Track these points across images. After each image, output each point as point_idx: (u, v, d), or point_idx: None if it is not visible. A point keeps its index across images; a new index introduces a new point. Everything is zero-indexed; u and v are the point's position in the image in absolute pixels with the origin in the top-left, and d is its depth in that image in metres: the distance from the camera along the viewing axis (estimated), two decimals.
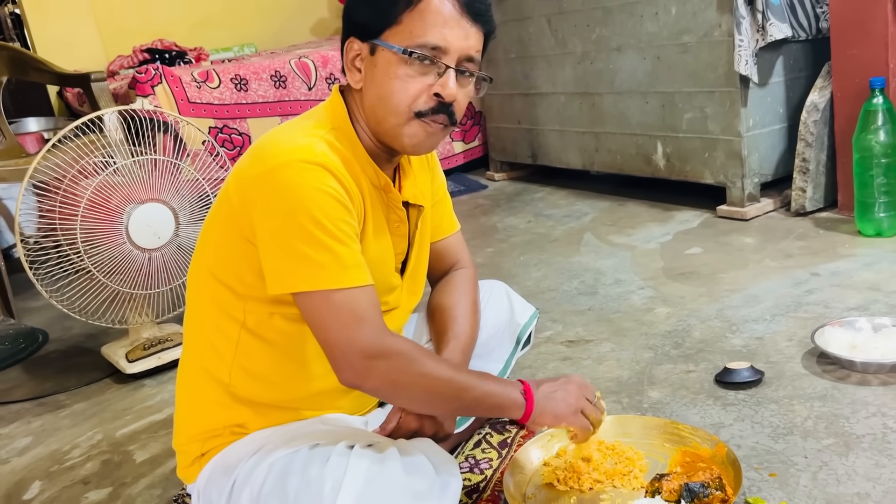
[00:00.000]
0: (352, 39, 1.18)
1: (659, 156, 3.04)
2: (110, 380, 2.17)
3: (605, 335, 1.98)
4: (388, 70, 1.14)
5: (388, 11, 1.13)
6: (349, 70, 1.20)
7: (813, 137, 2.61)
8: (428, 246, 1.40)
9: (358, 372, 1.08)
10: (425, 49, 1.13)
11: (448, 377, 1.14)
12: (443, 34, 1.13)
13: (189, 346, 1.27)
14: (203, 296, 1.23)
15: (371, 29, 1.15)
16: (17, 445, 1.86)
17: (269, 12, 4.69)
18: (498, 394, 1.19)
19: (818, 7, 2.73)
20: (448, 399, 1.16)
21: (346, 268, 1.08)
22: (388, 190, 1.24)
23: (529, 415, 1.20)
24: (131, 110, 2.08)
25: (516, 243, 2.90)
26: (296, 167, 1.08)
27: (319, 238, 1.06)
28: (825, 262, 2.23)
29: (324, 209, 1.07)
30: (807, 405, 1.51)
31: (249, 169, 1.13)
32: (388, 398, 1.17)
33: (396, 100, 1.15)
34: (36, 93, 4.12)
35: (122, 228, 2.01)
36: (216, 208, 1.21)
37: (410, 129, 1.16)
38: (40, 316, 2.78)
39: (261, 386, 1.21)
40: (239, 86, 3.43)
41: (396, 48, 1.13)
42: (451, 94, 1.14)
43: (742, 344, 1.81)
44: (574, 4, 3.23)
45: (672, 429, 1.39)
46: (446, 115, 1.17)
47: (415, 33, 1.12)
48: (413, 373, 1.11)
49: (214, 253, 1.21)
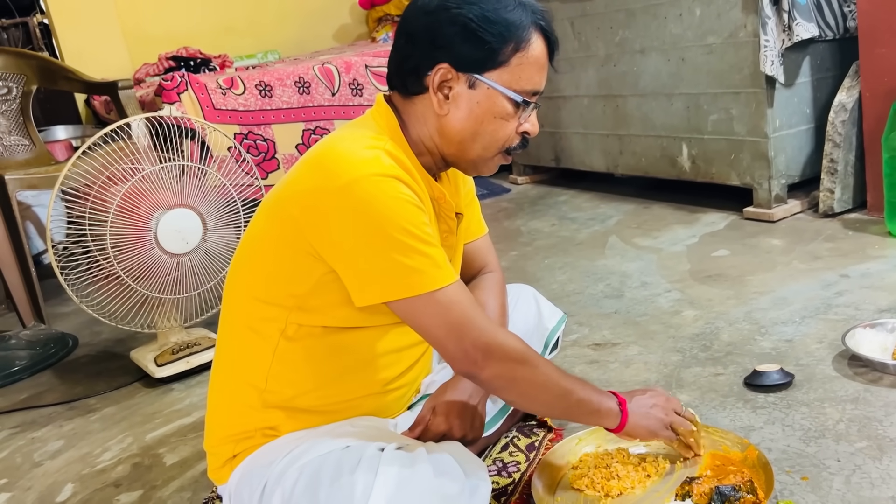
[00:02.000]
0: (444, 64, 1.16)
1: (684, 158, 3.02)
2: (139, 384, 2.19)
3: (633, 338, 1.97)
4: (491, 109, 1.17)
5: (498, 52, 1.15)
6: (435, 94, 1.18)
7: (841, 138, 2.58)
8: (461, 252, 1.41)
9: (475, 362, 1.12)
10: (528, 94, 1.18)
11: (557, 378, 1.18)
12: (541, 79, 1.20)
13: (224, 351, 1.28)
14: (242, 305, 1.23)
15: (475, 63, 1.16)
16: (49, 449, 1.89)
17: (292, 19, 4.72)
18: (596, 401, 1.23)
19: (845, 6, 2.70)
20: (556, 398, 1.19)
21: (441, 268, 1.11)
22: (442, 200, 1.25)
23: (624, 426, 1.24)
24: (158, 117, 2.11)
25: (541, 247, 2.90)
26: (371, 181, 1.08)
27: (411, 245, 1.08)
28: (855, 264, 2.21)
29: (407, 217, 1.09)
30: (838, 408, 1.49)
31: (316, 183, 1.12)
32: (498, 391, 1.19)
33: (493, 138, 1.20)
34: (64, 101, 4.18)
35: (150, 234, 2.03)
36: (268, 222, 1.20)
37: (494, 161, 1.24)
38: (70, 321, 2.82)
39: (296, 392, 1.21)
40: (263, 92, 3.45)
41: (511, 94, 1.16)
42: (537, 131, 1.23)
43: (771, 346, 1.80)
44: (597, 7, 3.22)
45: (702, 432, 1.38)
46: (524, 148, 1.24)
47: (524, 77, 1.17)
48: (527, 370, 1.14)
49: (261, 266, 1.20)
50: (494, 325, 1.16)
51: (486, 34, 1.14)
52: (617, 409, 1.24)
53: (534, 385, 1.16)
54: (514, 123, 1.19)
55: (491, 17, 1.14)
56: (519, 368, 1.14)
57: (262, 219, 1.22)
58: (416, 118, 1.22)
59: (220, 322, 1.29)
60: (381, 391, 1.28)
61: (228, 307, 1.27)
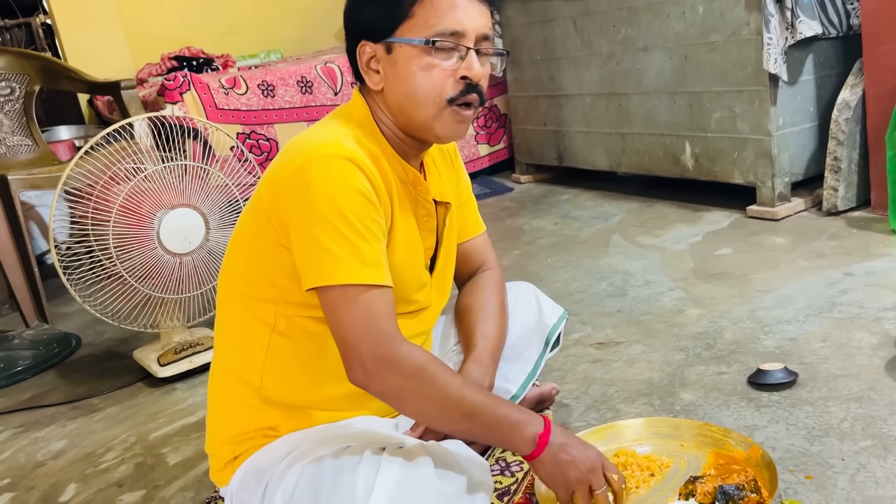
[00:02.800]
0: (363, 43, 1.18)
1: (687, 156, 3.01)
2: (142, 383, 2.19)
3: (636, 337, 1.97)
4: (411, 64, 1.14)
5: (397, 7, 1.14)
6: (365, 73, 1.19)
7: (845, 136, 2.57)
8: (455, 244, 1.40)
9: (367, 372, 1.07)
10: (445, 36, 1.13)
11: (458, 396, 1.10)
12: (458, 18, 1.13)
13: (220, 350, 1.28)
14: (233, 303, 1.24)
15: (382, 28, 1.15)
16: (52, 448, 1.89)
17: (295, 18, 4.72)
18: (509, 425, 1.11)
19: (849, 3, 2.70)
20: (456, 419, 1.11)
21: (365, 265, 1.08)
22: (417, 184, 1.24)
23: (535, 458, 1.12)
24: (161, 117, 2.11)
25: (543, 245, 2.89)
26: (323, 161, 1.08)
27: (342, 232, 1.07)
28: (859, 262, 2.20)
29: (349, 204, 1.07)
30: (843, 406, 1.48)
31: (278, 171, 1.14)
32: (393, 405, 1.14)
33: (425, 91, 1.15)
34: (67, 101, 4.19)
35: (153, 233, 2.03)
36: (247, 217, 1.22)
37: (444, 118, 1.16)
38: (73, 321, 2.82)
39: (292, 388, 1.21)
40: (266, 92, 3.45)
41: (417, 41, 1.13)
42: (478, 74, 1.15)
43: (775, 345, 1.79)
44: (600, 5, 3.22)
45: (705, 431, 1.38)
46: (476, 95, 1.17)
47: (430, 23, 1.12)
48: (422, 385, 1.08)
49: (245, 261, 1.21)
50: (398, 339, 1.09)
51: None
52: (533, 436, 1.11)
53: (429, 402, 1.09)
54: (443, 71, 1.14)
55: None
56: (411, 384, 1.08)
57: (244, 214, 1.24)
58: (374, 104, 1.22)
59: (216, 322, 1.29)
60: None
61: (221, 306, 1.27)
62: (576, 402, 1.68)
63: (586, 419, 1.60)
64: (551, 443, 1.12)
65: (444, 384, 1.10)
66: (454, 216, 1.37)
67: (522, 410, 1.15)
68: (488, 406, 1.12)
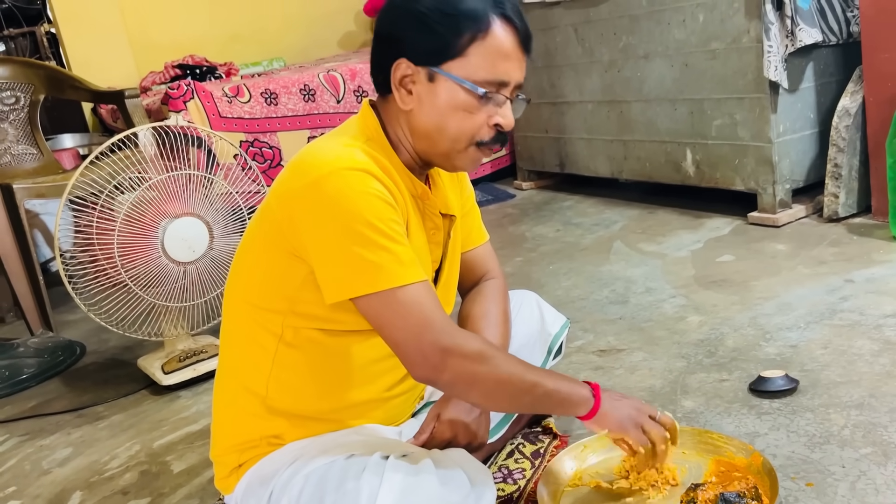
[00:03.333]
0: (403, 60, 1.16)
1: (688, 163, 3.02)
2: (147, 391, 2.21)
3: (637, 344, 1.98)
4: (452, 101, 1.15)
5: (452, 43, 1.13)
6: (397, 90, 1.18)
7: (845, 142, 2.58)
8: (459, 256, 1.41)
9: (434, 366, 1.09)
10: (492, 85, 1.15)
11: (520, 372, 1.15)
12: (506, 69, 1.15)
13: (226, 359, 1.29)
14: (240, 312, 1.25)
15: (431, 56, 1.15)
16: (57, 456, 1.90)
17: (297, 26, 4.74)
18: (566, 390, 1.20)
19: (848, 11, 2.71)
20: (521, 392, 1.15)
21: (404, 265, 1.10)
22: (425, 197, 1.26)
23: (594, 413, 1.20)
24: (165, 126, 2.12)
25: (545, 252, 2.90)
26: (340, 175, 1.09)
27: (375, 239, 1.08)
28: (860, 269, 2.21)
29: (374, 211, 1.09)
30: (843, 414, 1.49)
31: (292, 183, 1.14)
32: (460, 393, 1.17)
33: (460, 131, 1.17)
34: (71, 110, 4.21)
35: (157, 242, 2.05)
36: (257, 228, 1.23)
37: (467, 155, 1.20)
38: (78, 329, 2.83)
39: (297, 398, 1.22)
40: (269, 100, 3.47)
41: (469, 85, 1.14)
42: (510, 124, 1.18)
43: (776, 352, 1.80)
44: (601, 13, 3.23)
45: (706, 438, 1.38)
46: (500, 143, 1.21)
47: (482, 68, 1.14)
48: (488, 368, 1.12)
49: (253, 272, 1.22)
50: (454, 327, 1.14)
51: (440, 25, 1.13)
52: (589, 395, 1.20)
53: (497, 382, 1.13)
54: (481, 116, 1.16)
55: (444, 8, 1.13)
56: (479, 367, 1.11)
57: (253, 225, 1.24)
58: (392, 117, 1.23)
59: (221, 331, 1.30)
60: (384, 396, 1.28)
61: (228, 315, 1.28)
62: None
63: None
64: (603, 393, 1.22)
65: (505, 362, 1.15)
66: (458, 228, 1.38)
67: (568, 378, 1.23)
68: (544, 375, 1.20)
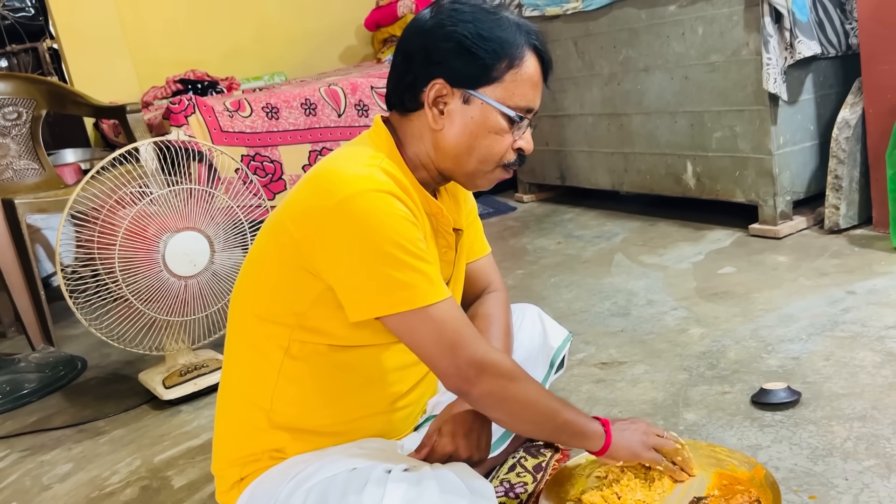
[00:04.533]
0: (439, 80, 1.19)
1: (689, 175, 3.03)
2: (148, 406, 2.20)
3: (639, 357, 1.97)
4: (485, 124, 1.19)
5: (491, 68, 1.18)
6: (429, 108, 1.20)
7: (845, 154, 2.59)
8: (464, 270, 1.42)
9: (467, 378, 1.13)
10: (523, 111, 1.21)
11: (545, 398, 1.20)
12: (534, 97, 1.22)
13: (229, 372, 1.29)
14: (246, 325, 1.25)
15: (469, 79, 1.18)
16: (58, 472, 1.89)
17: (298, 41, 4.77)
18: (581, 423, 1.24)
19: (847, 23, 2.72)
20: (544, 418, 1.20)
21: (433, 283, 1.13)
22: (439, 215, 1.27)
23: (608, 448, 1.25)
24: (166, 141, 2.13)
25: (547, 265, 2.90)
26: (366, 197, 1.10)
27: (405, 260, 1.10)
28: (861, 280, 2.20)
29: (401, 232, 1.10)
30: (846, 426, 1.49)
31: (312, 202, 1.14)
32: (488, 408, 1.19)
33: (491, 152, 1.21)
34: (73, 124, 4.23)
35: (158, 257, 2.05)
36: (267, 241, 1.22)
37: (492, 176, 1.25)
38: (79, 343, 2.83)
39: (302, 411, 1.22)
40: (270, 114, 3.48)
41: (507, 110, 1.19)
42: (531, 148, 1.24)
43: (778, 364, 1.79)
44: (600, 27, 3.25)
45: (709, 451, 1.38)
46: (521, 165, 1.26)
47: (517, 94, 1.19)
48: (517, 388, 1.16)
49: (262, 285, 1.22)
50: (486, 343, 1.17)
51: (481, 50, 1.17)
52: (601, 430, 1.25)
53: (524, 403, 1.17)
54: (509, 139, 1.21)
55: (485, 35, 1.17)
56: (510, 386, 1.15)
57: (263, 239, 1.24)
58: (413, 135, 1.24)
59: (226, 343, 1.30)
60: (387, 410, 1.29)
61: (233, 328, 1.28)
62: None
63: None
64: (613, 428, 1.26)
65: (533, 384, 1.19)
66: (464, 242, 1.39)
67: (580, 411, 1.27)
68: (563, 405, 1.24)
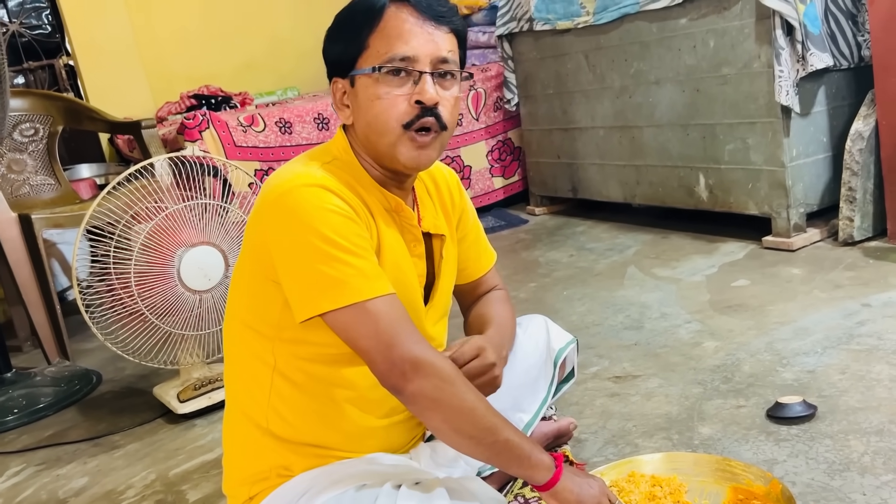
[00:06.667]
0: (335, 79, 1.23)
1: (701, 187, 3.02)
2: (162, 420, 2.21)
3: (653, 370, 1.97)
4: (368, 94, 1.17)
5: (354, 41, 1.18)
6: (339, 109, 1.24)
7: (859, 166, 2.58)
8: (453, 275, 1.40)
9: (402, 374, 1.07)
10: (394, 62, 1.15)
11: (485, 409, 1.11)
12: (409, 44, 1.15)
13: (229, 391, 1.30)
14: (237, 343, 1.25)
15: (345, 63, 1.20)
16: (73, 486, 1.90)
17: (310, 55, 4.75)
18: (528, 448, 1.13)
19: (859, 35, 2.72)
20: (482, 431, 1.10)
21: (369, 278, 1.10)
22: (399, 210, 1.25)
23: (555, 482, 1.13)
24: (181, 156, 2.15)
25: (559, 278, 2.90)
26: (296, 192, 1.11)
27: (335, 255, 1.08)
28: (876, 293, 2.19)
29: (332, 226, 1.09)
30: (863, 440, 1.48)
31: (256, 206, 1.18)
32: (423, 410, 1.10)
33: (382, 119, 1.17)
34: (88, 140, 4.27)
35: (173, 271, 2.06)
36: (242, 256, 1.24)
37: (402, 144, 1.18)
38: (94, 357, 2.85)
39: (296, 428, 1.21)
40: (283, 129, 3.51)
41: (368, 70, 1.16)
42: (431, 97, 1.16)
43: (793, 378, 1.78)
44: (611, 40, 3.26)
45: (724, 465, 1.37)
46: (433, 118, 1.17)
47: (381, 51, 1.16)
48: (454, 391, 1.09)
49: (244, 299, 1.23)
50: (426, 344, 1.12)
51: (342, 33, 1.20)
52: (551, 463, 1.14)
53: (460, 410, 1.09)
54: (399, 98, 1.15)
55: (341, 17, 1.21)
56: (446, 388, 1.08)
57: (240, 255, 1.26)
58: (352, 138, 1.25)
59: (225, 362, 1.30)
60: (383, 423, 1.26)
61: (227, 347, 1.29)
62: (594, 436, 1.68)
63: (604, 454, 1.59)
64: (565, 467, 1.15)
65: (473, 393, 1.11)
66: (451, 249, 1.37)
67: (531, 439, 1.18)
68: (509, 426, 1.13)
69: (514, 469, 1.15)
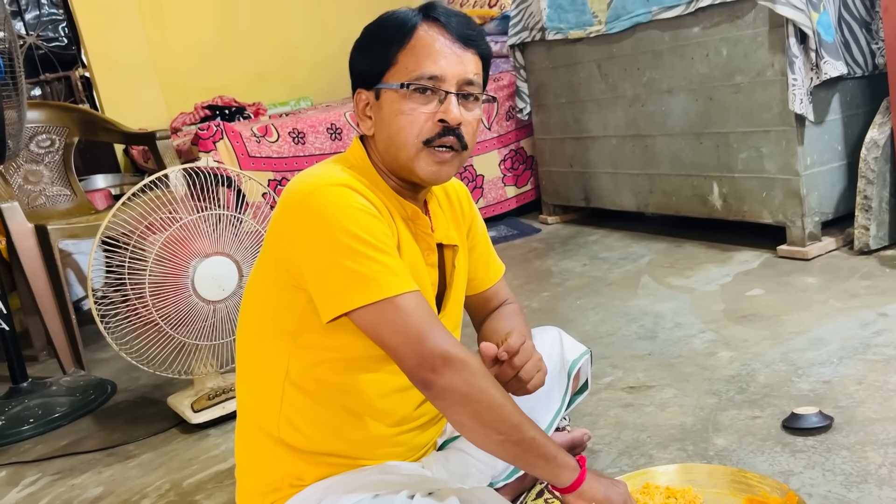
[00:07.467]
0: (359, 91, 1.24)
1: (715, 196, 3.01)
2: (176, 429, 2.22)
3: (667, 380, 1.96)
4: (393, 108, 1.19)
5: (383, 55, 1.19)
6: (361, 119, 1.25)
7: (874, 174, 2.56)
8: (464, 286, 1.40)
9: (432, 368, 1.07)
10: (422, 80, 1.17)
11: (514, 409, 1.10)
12: (437, 63, 1.17)
13: (241, 401, 1.30)
14: (250, 353, 1.26)
15: (372, 76, 1.21)
16: (88, 495, 1.91)
17: (323, 66, 4.83)
18: (553, 448, 1.13)
19: (873, 43, 2.70)
20: (508, 429, 1.09)
21: (397, 275, 1.10)
22: (415, 218, 1.26)
23: (580, 483, 1.13)
24: (195, 167, 2.16)
25: (572, 287, 2.89)
26: (323, 191, 1.12)
27: (363, 251, 1.09)
28: (893, 302, 2.17)
29: (359, 223, 1.10)
30: (881, 451, 1.46)
31: (279, 210, 1.18)
32: (451, 406, 1.09)
33: (405, 134, 1.18)
34: (103, 150, 4.31)
35: (188, 281, 2.07)
36: (260, 264, 1.24)
37: (421, 159, 1.19)
38: (109, 367, 2.86)
39: (308, 437, 1.21)
40: (296, 139, 3.52)
41: (395, 85, 1.18)
42: (455, 117, 1.18)
43: (809, 388, 1.77)
44: (623, 49, 3.26)
45: (740, 477, 1.36)
46: (454, 138, 1.19)
47: (410, 69, 1.17)
48: (483, 386, 1.08)
49: (261, 307, 1.23)
50: (455, 340, 1.11)
51: (372, 46, 1.21)
52: (575, 464, 1.14)
53: (489, 406, 1.08)
54: (422, 115, 1.17)
55: (372, 30, 1.23)
56: (477, 382, 1.08)
57: (257, 263, 1.27)
58: (371, 149, 1.26)
59: (237, 374, 1.31)
60: (395, 431, 1.26)
61: (240, 357, 1.29)
62: (608, 447, 1.67)
63: (619, 465, 1.59)
64: (588, 469, 1.15)
65: (501, 391, 1.11)
66: (463, 260, 1.38)
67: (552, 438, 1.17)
68: (534, 425, 1.13)
69: (539, 468, 1.13)
